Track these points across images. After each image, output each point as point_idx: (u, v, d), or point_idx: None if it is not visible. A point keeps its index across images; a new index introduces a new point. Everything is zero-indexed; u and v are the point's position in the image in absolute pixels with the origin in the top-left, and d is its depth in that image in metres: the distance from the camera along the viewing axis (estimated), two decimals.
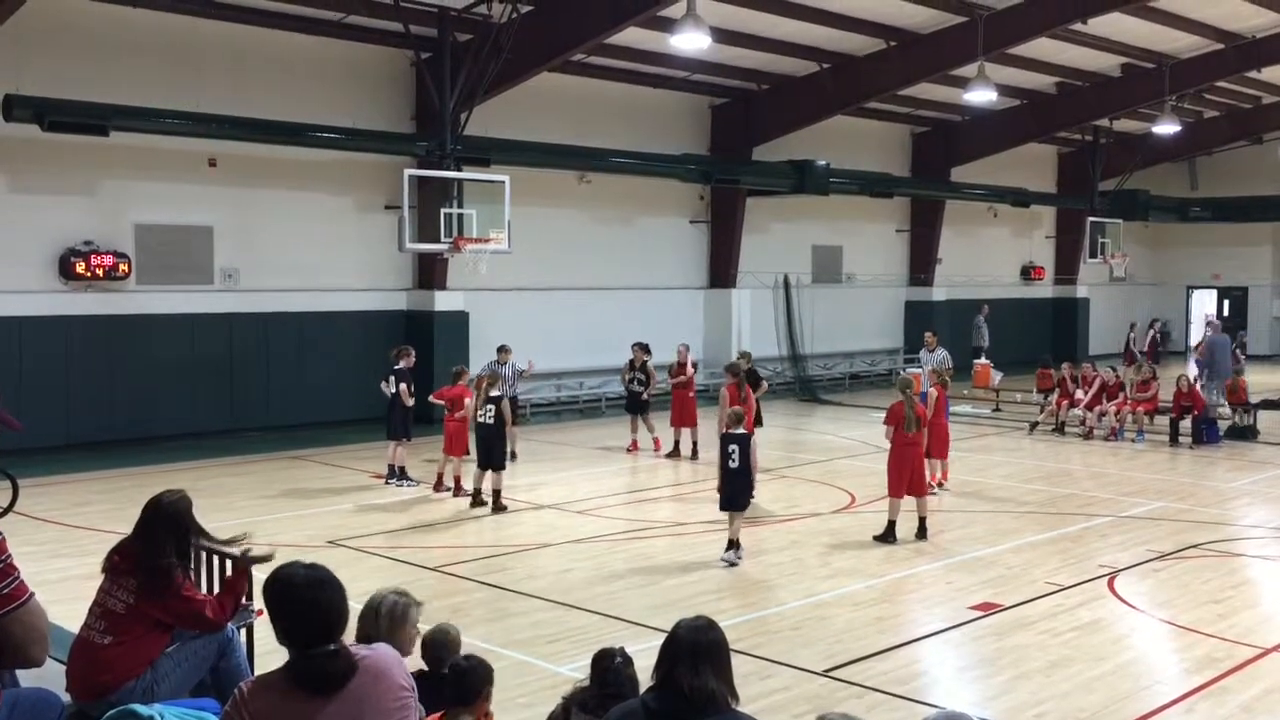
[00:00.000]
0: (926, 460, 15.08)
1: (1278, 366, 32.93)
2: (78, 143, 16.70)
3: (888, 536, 12.08)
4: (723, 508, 11.48)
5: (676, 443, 17.78)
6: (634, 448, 18.21)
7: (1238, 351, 28.82)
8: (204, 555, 6.10)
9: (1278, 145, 32.85)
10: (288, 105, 18.79)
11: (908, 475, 12.26)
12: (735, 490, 11.34)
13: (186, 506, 5.53)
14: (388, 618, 4.77)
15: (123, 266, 17.69)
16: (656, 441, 18.10)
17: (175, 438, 18.03)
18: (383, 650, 3.68)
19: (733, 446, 11.29)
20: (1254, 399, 20.82)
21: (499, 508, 13.70)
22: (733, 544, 11.21)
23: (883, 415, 12.77)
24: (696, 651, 3.72)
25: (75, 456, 16.54)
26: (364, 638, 4.50)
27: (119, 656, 5.17)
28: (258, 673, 4.63)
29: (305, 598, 3.54)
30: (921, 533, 12.23)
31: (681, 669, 3.67)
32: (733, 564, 11.08)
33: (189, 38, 18.14)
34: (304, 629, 3.51)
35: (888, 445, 12.46)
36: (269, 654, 3.78)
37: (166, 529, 5.39)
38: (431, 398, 15.11)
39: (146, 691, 5.11)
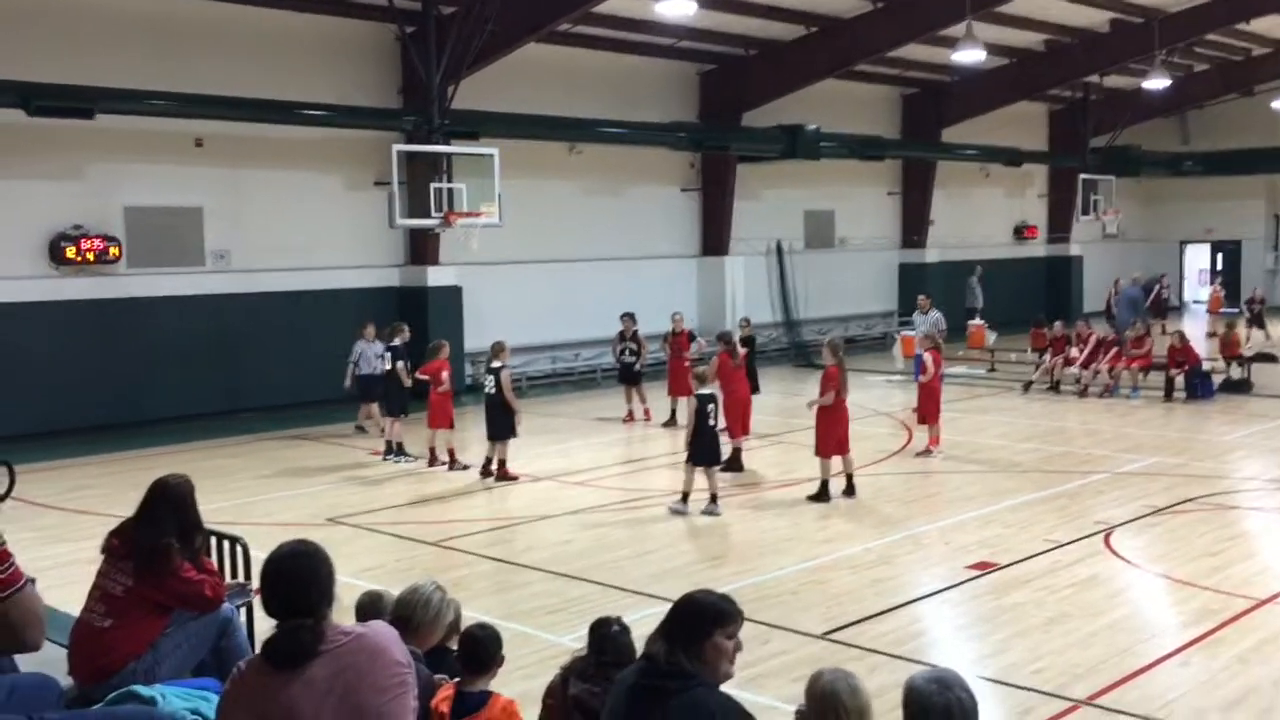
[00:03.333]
0: (919, 425, 15.31)
1: (1272, 319, 32.92)
2: (64, 126, 16.60)
3: (823, 496, 12.33)
4: (701, 462, 11.93)
5: (673, 411, 17.82)
6: (629, 418, 18.25)
7: (1154, 300, 29.27)
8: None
9: (1269, 97, 32.74)
10: (273, 83, 18.67)
11: (840, 434, 12.55)
12: (717, 445, 12.13)
13: (190, 489, 5.59)
14: (426, 610, 4.91)
15: (113, 250, 17.65)
16: (647, 413, 18.16)
17: (171, 420, 18.03)
18: (378, 627, 3.69)
19: (711, 406, 12.09)
20: (1248, 352, 20.88)
21: (504, 476, 13.79)
22: (714, 498, 11.94)
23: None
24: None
25: (71, 441, 16.54)
26: (398, 622, 4.52)
27: (119, 639, 5.20)
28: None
29: (282, 569, 3.56)
30: (850, 490, 12.52)
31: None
32: (716, 515, 11.79)
33: (173, 18, 18.02)
34: (277, 601, 3.53)
35: (820, 404, 12.59)
36: (269, 633, 3.80)
37: (169, 510, 5.43)
38: (418, 374, 15.15)
39: (148, 673, 5.14)
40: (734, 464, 14.16)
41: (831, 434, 12.50)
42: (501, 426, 13.84)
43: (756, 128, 25.01)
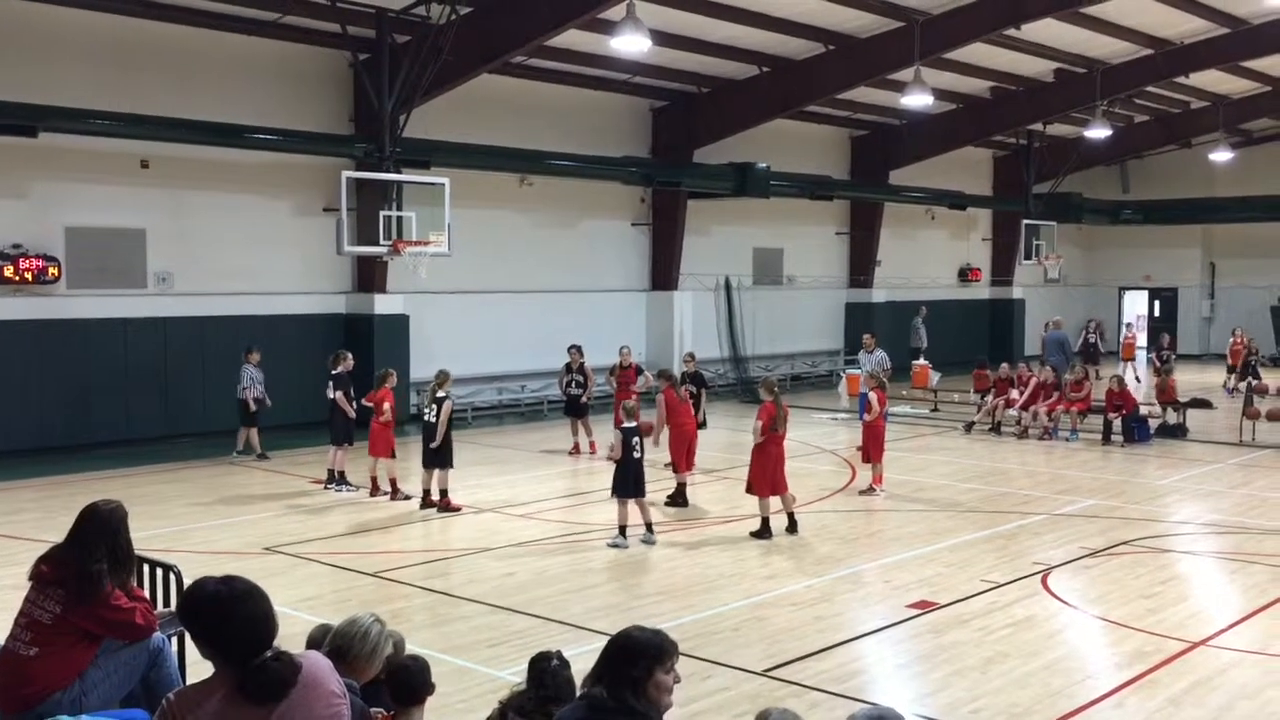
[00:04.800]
0: (863, 463, 15.41)
1: (1207, 366, 33.63)
2: (5, 144, 16.35)
3: (764, 533, 12.35)
4: (627, 495, 12.02)
5: None
6: (575, 451, 18.21)
7: (1083, 345, 29.77)
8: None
9: (1206, 149, 33.57)
10: (222, 106, 18.53)
11: (772, 473, 12.55)
12: (641, 478, 12.17)
13: (122, 516, 5.50)
14: (364, 642, 4.73)
15: (52, 270, 17.35)
16: (593, 445, 18.12)
17: (109, 444, 17.71)
18: (314, 657, 3.64)
19: (635, 439, 12.21)
20: (1183, 398, 21.27)
21: (446, 507, 13.66)
22: (650, 526, 12.19)
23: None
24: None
25: (6, 464, 16.17)
26: (334, 653, 4.42)
27: (45, 668, 5.08)
28: (189, 682, 4.57)
29: (239, 614, 3.47)
30: (793, 527, 12.57)
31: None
32: (652, 543, 11.99)
33: (121, 37, 17.84)
34: (245, 643, 3.45)
35: (754, 442, 12.65)
36: (200, 663, 3.72)
37: (100, 536, 5.32)
38: (365, 401, 15.01)
39: (74, 703, 5.03)
40: (678, 499, 14.18)
41: (764, 473, 12.51)
42: (444, 455, 13.75)
43: (708, 164, 25.20)
